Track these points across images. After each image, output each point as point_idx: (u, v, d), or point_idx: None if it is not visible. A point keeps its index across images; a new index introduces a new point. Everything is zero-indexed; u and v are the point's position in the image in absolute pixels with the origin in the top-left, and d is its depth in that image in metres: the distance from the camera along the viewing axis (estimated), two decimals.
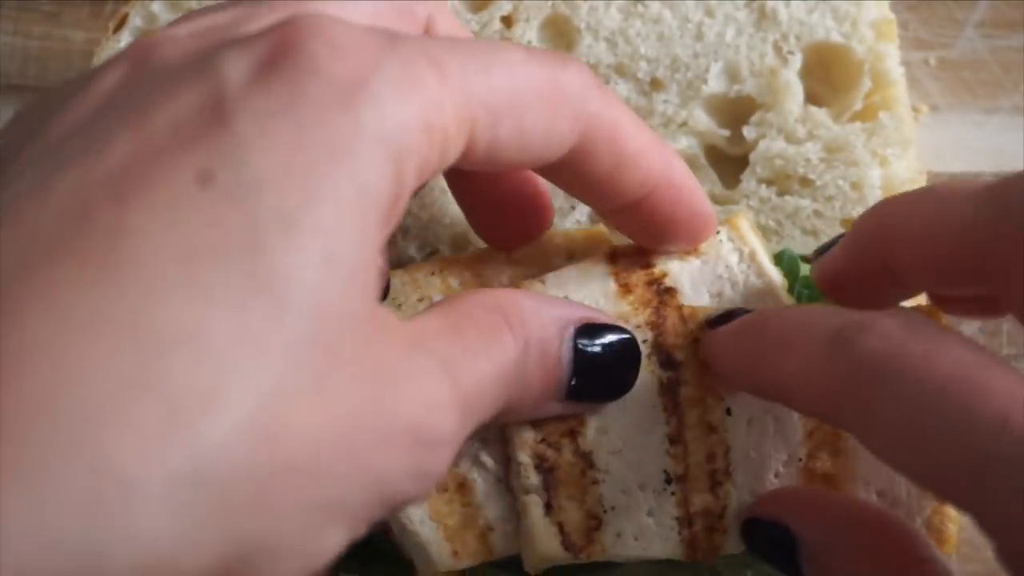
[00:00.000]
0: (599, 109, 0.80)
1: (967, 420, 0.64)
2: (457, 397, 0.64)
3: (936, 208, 0.76)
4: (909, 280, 0.81)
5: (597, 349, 0.80)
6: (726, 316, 0.90)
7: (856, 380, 0.71)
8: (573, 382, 0.78)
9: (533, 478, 0.90)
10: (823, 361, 0.74)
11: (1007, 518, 0.63)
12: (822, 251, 0.93)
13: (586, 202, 0.91)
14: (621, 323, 0.93)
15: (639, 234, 0.93)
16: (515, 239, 0.97)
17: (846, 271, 0.88)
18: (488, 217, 0.97)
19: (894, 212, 0.81)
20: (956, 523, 0.93)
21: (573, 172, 0.83)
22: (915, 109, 1.22)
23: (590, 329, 0.80)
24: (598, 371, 0.81)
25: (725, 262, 0.99)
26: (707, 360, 0.92)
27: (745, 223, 1.01)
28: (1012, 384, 0.65)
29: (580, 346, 0.78)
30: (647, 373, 0.93)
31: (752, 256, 1.00)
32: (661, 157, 0.86)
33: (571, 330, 0.78)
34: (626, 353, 0.87)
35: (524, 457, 0.90)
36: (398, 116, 0.62)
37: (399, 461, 0.59)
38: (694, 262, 0.99)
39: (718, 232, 1.00)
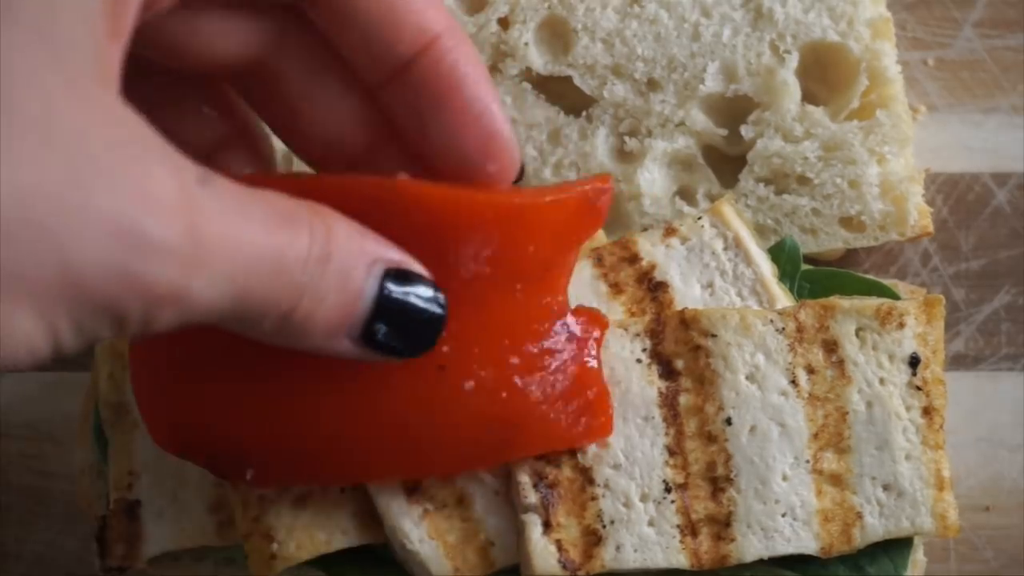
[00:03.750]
0: None
1: None
2: (185, 214, 0.61)
3: None
4: None
5: (403, 296, 0.74)
6: None
7: None
8: (371, 323, 0.73)
9: (532, 496, 0.90)
10: None
11: None
12: None
13: (353, 64, 0.81)
14: (622, 331, 0.93)
15: (411, 119, 0.81)
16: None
17: None
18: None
19: None
20: (956, 510, 0.94)
21: (342, 12, 0.77)
22: (913, 109, 1.21)
23: (401, 275, 0.74)
24: (398, 319, 0.74)
25: (710, 248, 0.99)
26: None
27: (728, 208, 1.01)
28: None
29: (386, 288, 0.73)
30: (646, 384, 0.92)
31: (738, 241, 1.00)
32: (444, 11, 0.79)
33: (380, 268, 0.73)
34: (432, 313, 0.77)
35: (523, 476, 0.90)
36: None
37: (95, 250, 0.57)
38: (679, 248, 0.98)
39: (700, 218, 1.00)
